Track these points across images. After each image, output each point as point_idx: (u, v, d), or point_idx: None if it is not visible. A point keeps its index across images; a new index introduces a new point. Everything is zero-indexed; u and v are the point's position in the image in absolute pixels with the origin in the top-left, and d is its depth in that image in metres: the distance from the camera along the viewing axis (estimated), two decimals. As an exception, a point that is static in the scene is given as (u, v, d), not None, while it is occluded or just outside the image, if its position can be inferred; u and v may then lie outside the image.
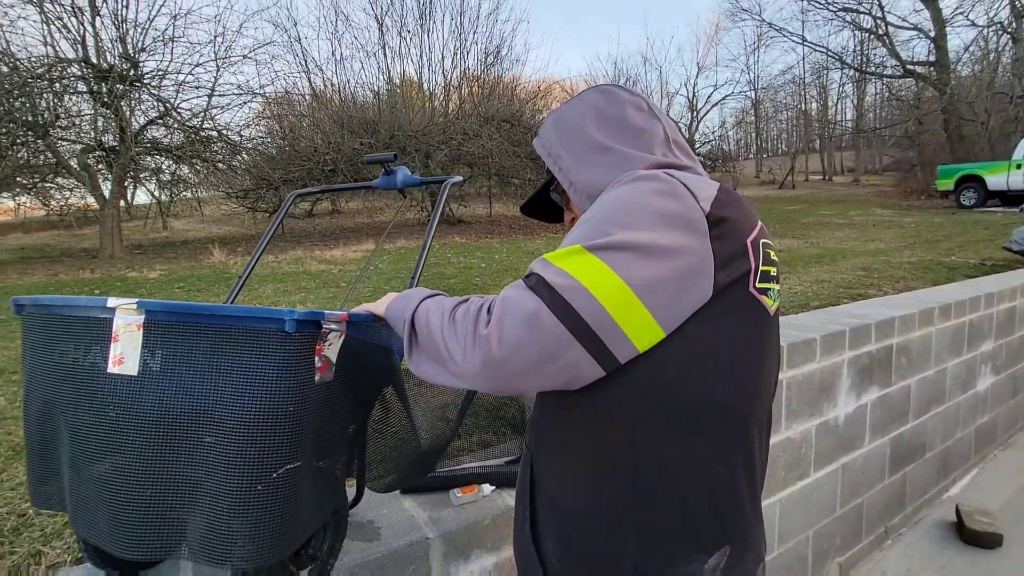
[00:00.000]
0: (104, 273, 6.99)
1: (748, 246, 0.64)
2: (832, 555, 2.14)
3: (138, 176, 10.32)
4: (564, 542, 0.69)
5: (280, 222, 1.53)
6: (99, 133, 9.14)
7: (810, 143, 29.88)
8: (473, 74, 14.96)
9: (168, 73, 9.16)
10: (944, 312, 2.58)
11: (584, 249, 0.59)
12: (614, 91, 0.81)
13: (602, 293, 0.57)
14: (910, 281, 4.12)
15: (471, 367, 0.59)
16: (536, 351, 0.57)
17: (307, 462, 0.76)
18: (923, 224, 9.49)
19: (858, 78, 25.14)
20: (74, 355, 0.75)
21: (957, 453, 2.84)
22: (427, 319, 0.66)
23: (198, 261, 7.76)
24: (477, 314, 0.60)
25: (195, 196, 12.17)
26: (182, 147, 9.47)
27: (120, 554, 0.71)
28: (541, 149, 0.83)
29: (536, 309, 0.57)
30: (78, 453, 0.74)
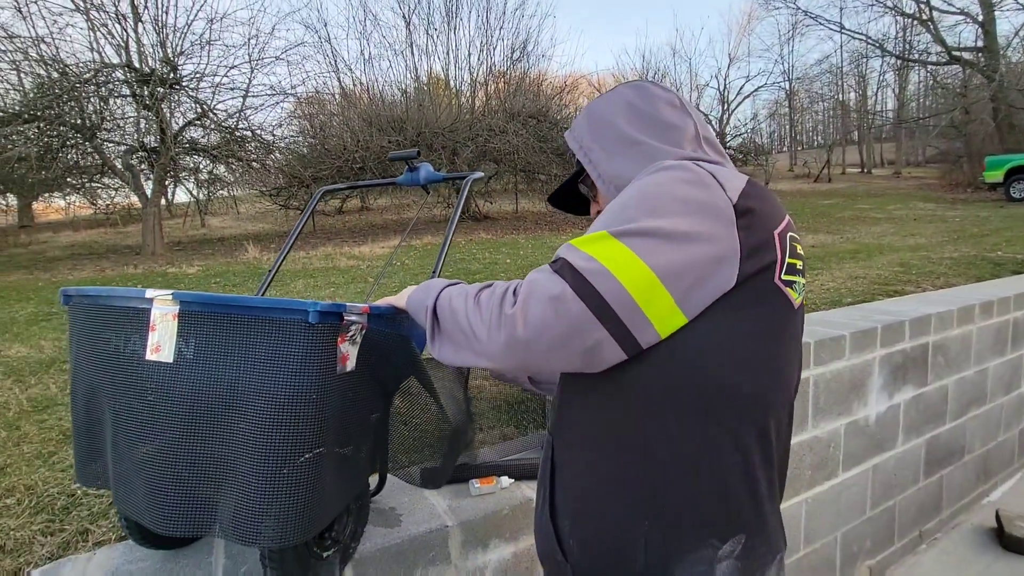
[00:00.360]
0: (146, 269, 7.30)
1: (775, 237, 0.64)
2: (862, 558, 2.09)
3: (177, 175, 10.72)
4: (579, 522, 0.71)
5: (308, 217, 1.57)
6: (141, 134, 9.54)
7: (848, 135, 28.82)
8: (499, 70, 14.98)
9: (205, 75, 9.49)
10: (986, 309, 2.48)
11: (609, 235, 0.60)
12: (647, 87, 0.82)
13: (626, 277, 0.58)
14: (951, 277, 3.96)
15: (496, 345, 0.61)
16: (560, 331, 0.58)
17: (330, 448, 0.80)
18: (968, 218, 9.07)
19: (900, 66, 24.08)
20: (116, 343, 0.80)
21: (999, 457, 2.72)
22: (450, 304, 0.68)
23: (234, 257, 8.02)
24: (503, 295, 0.62)
25: (231, 195, 12.58)
26: (218, 147, 9.80)
27: (157, 529, 0.75)
28: (572, 142, 0.84)
29: (561, 291, 0.58)
30: (120, 434, 0.79)
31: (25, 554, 1.21)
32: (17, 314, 4.13)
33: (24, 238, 12.52)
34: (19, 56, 8.05)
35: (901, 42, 22.53)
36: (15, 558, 1.24)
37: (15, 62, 8.11)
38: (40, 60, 8.14)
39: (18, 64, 8.17)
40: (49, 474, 1.62)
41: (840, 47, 26.97)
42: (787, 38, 28.02)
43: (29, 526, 1.32)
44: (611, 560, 0.67)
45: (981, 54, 17.76)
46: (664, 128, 0.77)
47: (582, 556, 0.70)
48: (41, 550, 1.23)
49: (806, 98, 31.22)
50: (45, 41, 8.15)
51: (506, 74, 14.88)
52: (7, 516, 1.40)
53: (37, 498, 1.48)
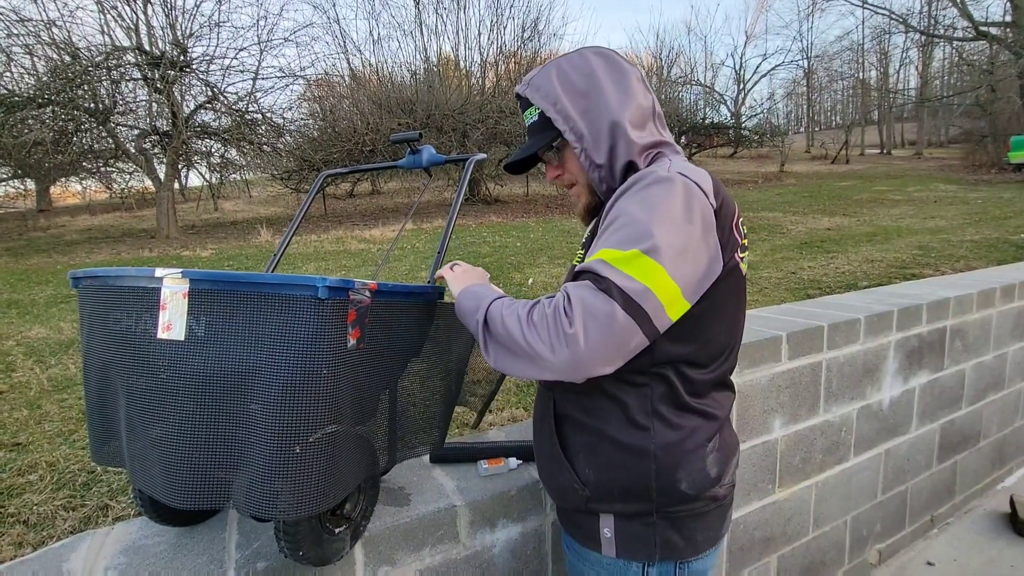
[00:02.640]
0: (161, 252, 7.40)
1: (735, 227, 0.81)
2: (872, 541, 2.08)
3: (189, 159, 10.79)
4: (593, 454, 0.86)
5: (311, 201, 1.57)
6: (153, 118, 9.59)
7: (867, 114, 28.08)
8: (510, 50, 14.76)
9: (215, 58, 9.48)
10: (1007, 293, 2.42)
11: (642, 253, 0.72)
12: (616, 59, 0.88)
13: (662, 293, 0.72)
14: (971, 260, 3.87)
15: (561, 361, 0.71)
16: (613, 343, 0.71)
17: (342, 424, 0.80)
18: (991, 200, 8.83)
19: (924, 42, 23.31)
20: (127, 322, 0.80)
21: (1015, 443, 2.68)
22: (503, 322, 0.77)
23: (246, 241, 8.09)
24: (555, 316, 0.71)
25: (243, 178, 12.63)
26: (229, 130, 9.82)
27: (173, 503, 0.77)
28: (543, 100, 0.87)
29: (613, 311, 0.70)
30: (134, 413, 0.80)
31: (48, 527, 1.25)
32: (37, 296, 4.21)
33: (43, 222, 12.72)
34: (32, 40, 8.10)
35: (926, 17, 21.81)
36: (38, 532, 1.28)
37: (28, 46, 8.15)
38: (52, 43, 8.18)
39: (31, 48, 8.21)
40: (70, 451, 1.66)
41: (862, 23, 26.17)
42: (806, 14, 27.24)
43: (51, 501, 1.36)
44: (626, 476, 0.84)
45: (1010, 29, 17.10)
46: (638, 109, 0.86)
47: (599, 479, 0.86)
48: (64, 524, 1.27)
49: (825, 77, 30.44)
50: (57, 24, 8.17)
51: (517, 54, 14.66)
52: (30, 492, 1.45)
53: (59, 474, 1.52)
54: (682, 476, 0.84)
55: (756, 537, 1.71)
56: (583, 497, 0.88)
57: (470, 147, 10.87)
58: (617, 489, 0.85)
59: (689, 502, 0.85)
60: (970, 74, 21.07)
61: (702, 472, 0.85)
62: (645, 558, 0.86)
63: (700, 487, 0.85)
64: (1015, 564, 2.06)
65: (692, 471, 0.84)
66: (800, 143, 26.57)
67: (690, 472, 0.84)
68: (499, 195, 12.54)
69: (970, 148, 18.76)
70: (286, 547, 0.84)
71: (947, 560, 2.13)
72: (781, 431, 1.68)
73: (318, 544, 0.87)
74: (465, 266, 1.00)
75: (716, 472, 0.87)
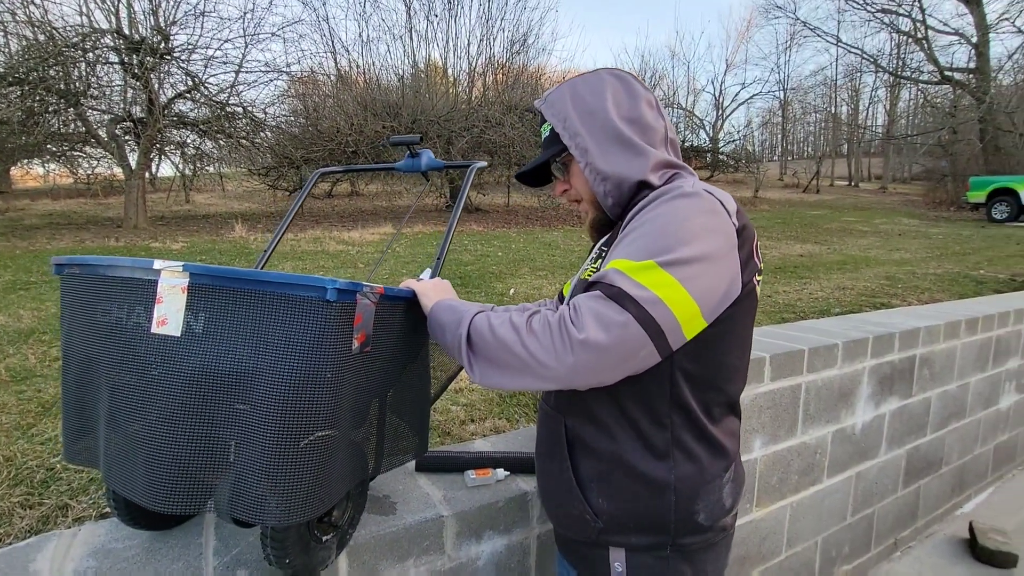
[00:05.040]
0: (128, 242, 7.13)
1: (755, 250, 0.81)
2: (839, 562, 2.13)
3: (163, 149, 10.46)
4: (607, 483, 0.83)
5: (304, 199, 1.54)
6: (128, 104, 9.28)
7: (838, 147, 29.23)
8: (499, 61, 14.87)
9: (198, 47, 9.25)
10: (971, 326, 2.53)
11: (657, 265, 0.70)
12: (630, 80, 0.89)
13: (675, 306, 0.70)
14: (935, 293, 4.04)
15: (565, 368, 0.69)
16: (622, 352, 0.69)
17: (340, 429, 0.78)
18: (951, 236, 9.26)
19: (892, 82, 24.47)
20: (117, 315, 0.77)
21: (974, 470, 2.79)
22: (493, 333, 0.74)
23: (219, 235, 7.87)
24: (561, 323, 0.70)
25: (218, 171, 12.31)
26: (208, 121, 9.58)
27: (154, 506, 0.73)
28: (553, 117, 0.89)
29: (626, 320, 0.68)
30: (118, 409, 0.76)
31: (4, 525, 1.18)
32: (-7, 281, 4.00)
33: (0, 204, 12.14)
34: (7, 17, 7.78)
35: (895, 59, 22.91)
36: (-8, 531, 1.20)
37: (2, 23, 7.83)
38: (28, 21, 7.87)
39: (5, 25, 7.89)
40: (28, 447, 1.57)
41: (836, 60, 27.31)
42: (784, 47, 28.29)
43: (8, 498, 1.28)
44: (644, 507, 0.81)
45: (973, 75, 18.11)
46: (645, 129, 0.87)
47: (614, 510, 0.83)
48: (21, 523, 1.20)
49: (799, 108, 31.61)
50: (34, 2, 7.88)
51: (505, 66, 14.78)
52: (-17, 488, 1.36)
53: (16, 470, 1.44)
54: (700, 508, 0.82)
55: (733, 555, 1.73)
56: (595, 529, 0.84)
57: (455, 155, 10.86)
58: (633, 521, 0.82)
59: (703, 533, 0.83)
60: (933, 116, 22.17)
61: (719, 503, 0.84)
62: None
63: (715, 518, 0.84)
64: (974, 588, 2.13)
65: (710, 503, 0.83)
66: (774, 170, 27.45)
67: (708, 503, 0.82)
68: (480, 204, 12.54)
69: (931, 186, 19.68)
70: (272, 554, 0.81)
71: (910, 583, 2.19)
72: (761, 451, 1.71)
73: (305, 552, 0.84)
74: (433, 280, 0.96)
75: (730, 503, 0.86)
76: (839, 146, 29.30)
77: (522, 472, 1.28)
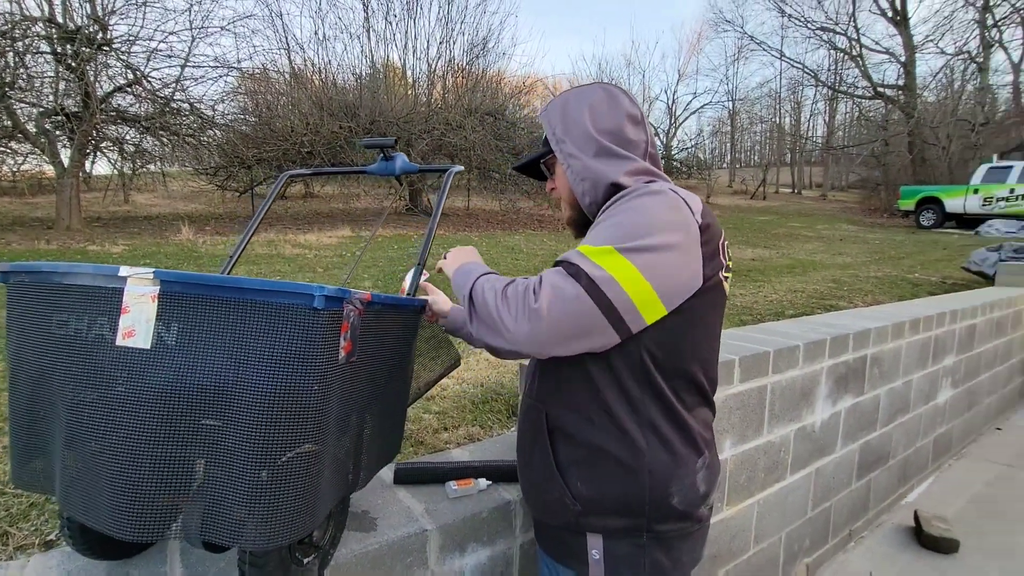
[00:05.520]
0: (61, 245, 6.65)
1: (720, 247, 0.86)
2: (801, 556, 2.21)
3: (98, 145, 9.80)
4: (586, 468, 0.88)
5: (272, 202, 1.48)
6: (60, 97, 8.66)
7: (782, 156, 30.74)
8: (458, 65, 14.81)
9: (139, 39, 8.75)
10: (914, 326, 2.69)
11: (615, 250, 0.76)
12: (617, 96, 0.96)
13: (627, 284, 0.76)
14: (878, 295, 4.29)
15: (521, 333, 0.75)
16: (573, 325, 0.75)
17: (326, 443, 0.74)
18: (886, 241, 9.89)
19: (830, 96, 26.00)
20: (76, 326, 0.70)
21: (916, 462, 2.97)
22: (483, 295, 0.81)
23: (164, 238, 7.46)
24: (525, 292, 0.76)
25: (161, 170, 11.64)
26: (151, 117, 9.07)
27: (122, 535, 0.67)
28: (547, 127, 0.98)
29: (577, 293, 0.74)
30: (78, 429, 0.69)
31: (-70, 564, 1.06)
32: (-95, 287, 3.64)
33: (-90, 202, 11.08)
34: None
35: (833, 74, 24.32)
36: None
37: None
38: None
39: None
40: (-44, 471, 1.42)
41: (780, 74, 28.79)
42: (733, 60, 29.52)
43: (-67, 531, 1.16)
44: (621, 490, 0.85)
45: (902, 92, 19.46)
46: (625, 142, 0.94)
47: (592, 493, 0.86)
48: (-50, 558, 1.08)
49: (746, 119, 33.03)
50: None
51: (465, 69, 14.74)
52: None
53: (-59, 498, 1.30)
54: (675, 491, 0.86)
55: (705, 554, 1.76)
56: (574, 512, 0.88)
57: (414, 157, 10.71)
58: (610, 503, 0.86)
59: (679, 520, 0.87)
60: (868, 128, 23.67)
61: (693, 488, 0.88)
62: None
63: (690, 504, 0.87)
64: (922, 575, 2.25)
65: (684, 487, 0.86)
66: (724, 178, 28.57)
67: (682, 487, 0.86)
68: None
69: (867, 194, 21.00)
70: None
71: (864, 572, 2.30)
72: (731, 451, 1.75)
73: (286, 575, 0.79)
74: (456, 249, 1.04)
75: (705, 489, 0.90)
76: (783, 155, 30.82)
77: (504, 481, 1.26)
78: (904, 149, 19.11)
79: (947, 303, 3.24)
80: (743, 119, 32.55)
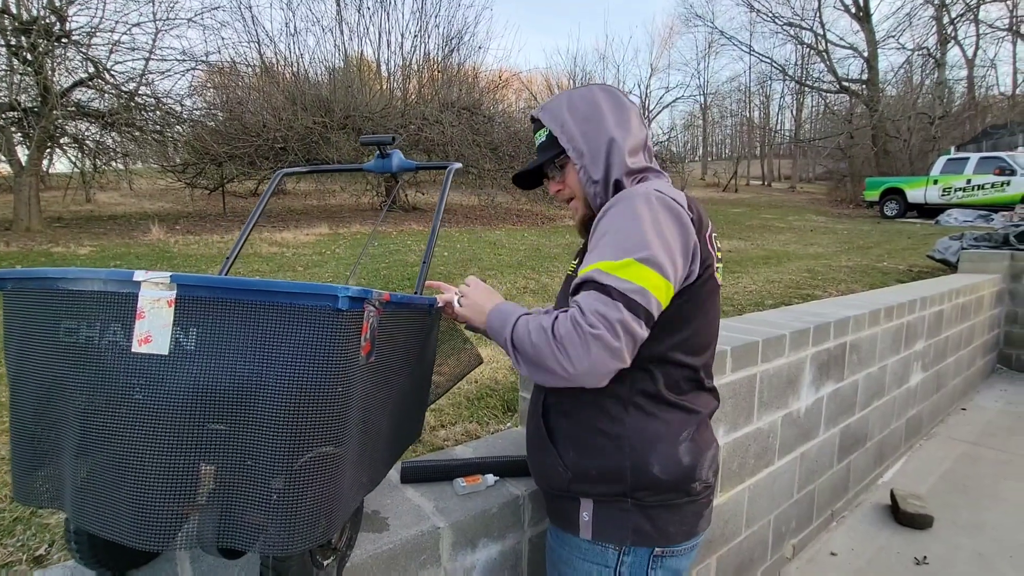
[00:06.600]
0: (22, 247, 6.37)
1: (708, 239, 0.92)
2: (788, 537, 2.29)
3: (58, 142, 9.39)
4: (575, 440, 0.95)
5: (267, 200, 1.45)
6: (15, 92, 8.26)
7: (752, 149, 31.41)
8: (433, 59, 14.65)
9: (100, 30, 8.40)
10: (888, 313, 2.80)
11: (635, 261, 0.82)
12: (618, 94, 1.01)
13: (656, 290, 0.82)
14: (850, 284, 4.44)
15: (582, 368, 0.79)
16: (625, 342, 0.80)
17: (347, 445, 0.73)
18: (854, 231, 10.21)
19: (798, 90, 26.64)
20: (87, 333, 0.68)
21: (890, 443, 3.09)
22: (531, 340, 0.84)
23: (132, 238, 7.20)
24: (575, 328, 0.79)
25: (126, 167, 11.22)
26: (115, 112, 8.72)
27: (144, 546, 0.65)
28: (551, 122, 1.00)
29: (621, 315, 0.79)
30: (91, 439, 0.67)
31: (-80, 584, 1.01)
32: None
33: None
34: None
35: (800, 68, 24.91)
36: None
37: None
38: None
39: None
40: (-66, 486, 1.37)
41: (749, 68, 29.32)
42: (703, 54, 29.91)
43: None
44: (603, 458, 0.93)
45: (865, 86, 20.05)
46: (633, 136, 0.98)
47: (579, 461, 0.94)
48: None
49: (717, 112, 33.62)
50: None
51: (440, 63, 14.59)
52: None
53: (-78, 516, 1.24)
54: (654, 460, 0.91)
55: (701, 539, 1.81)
56: (565, 479, 0.96)
57: (390, 152, 10.56)
58: (595, 470, 0.93)
59: (662, 491, 0.92)
60: (833, 121, 24.36)
61: (673, 458, 0.92)
62: (619, 542, 0.93)
63: (673, 474, 0.92)
64: (900, 551, 2.36)
65: (663, 456, 0.92)
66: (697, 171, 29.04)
67: (661, 457, 0.92)
68: (416, 203, 12.33)
69: (834, 185, 21.61)
70: (275, 586, 0.75)
71: (846, 550, 2.39)
72: (724, 438, 1.79)
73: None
74: (479, 285, 1.05)
75: (689, 461, 0.93)
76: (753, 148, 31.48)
77: (511, 475, 1.27)
78: (868, 141, 19.74)
79: (916, 290, 3.37)
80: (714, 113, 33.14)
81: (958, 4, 18.50)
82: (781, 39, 25.26)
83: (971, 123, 19.17)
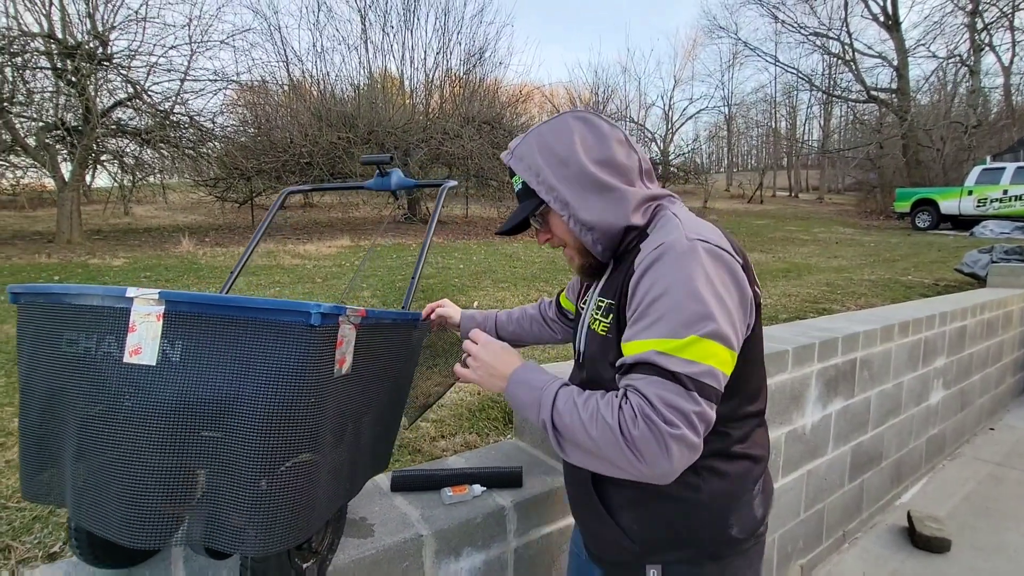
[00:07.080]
0: (62, 259, 6.70)
1: (754, 279, 0.83)
2: (795, 557, 2.24)
3: (99, 159, 9.89)
4: (641, 507, 0.86)
5: (272, 218, 1.52)
6: (60, 112, 8.74)
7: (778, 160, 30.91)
8: (455, 74, 14.94)
9: (139, 54, 8.86)
10: (903, 329, 2.73)
11: (700, 337, 0.72)
12: (595, 121, 0.88)
13: (723, 365, 0.74)
14: (870, 298, 4.34)
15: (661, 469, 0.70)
16: (705, 429, 0.72)
17: (321, 453, 0.78)
18: (881, 243, 9.95)
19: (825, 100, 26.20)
20: (85, 344, 0.74)
21: (909, 463, 3.00)
22: (586, 433, 0.74)
23: (164, 250, 7.51)
24: (650, 425, 0.70)
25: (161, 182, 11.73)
26: (151, 130, 9.15)
27: (133, 543, 0.71)
28: (525, 172, 0.88)
29: (696, 405, 0.71)
30: (88, 443, 0.73)
31: (-58, 575, 1.09)
32: (-92, 304, 3.67)
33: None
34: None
35: (827, 79, 24.50)
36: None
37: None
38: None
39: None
40: (-37, 485, 1.46)
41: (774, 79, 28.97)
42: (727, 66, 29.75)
43: (-58, 543, 1.19)
44: (678, 528, 0.84)
45: (895, 95, 19.59)
46: (619, 168, 0.87)
47: (649, 533, 0.85)
48: (-41, 570, 1.11)
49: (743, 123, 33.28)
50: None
51: (462, 78, 14.86)
52: (-87, 532, 1.25)
53: (-51, 511, 1.34)
54: (733, 522, 0.85)
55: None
56: (633, 553, 0.87)
57: (412, 166, 10.80)
58: (666, 540, 0.85)
59: (736, 545, 0.86)
60: (862, 131, 23.83)
61: (749, 516, 0.86)
62: None
63: (749, 530, 0.86)
64: (914, 575, 2.28)
65: (740, 516, 0.85)
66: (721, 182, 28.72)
67: (741, 517, 0.85)
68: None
69: (863, 196, 21.09)
70: (253, 585, 0.79)
71: (857, 573, 2.33)
72: (722, 455, 1.79)
73: (286, 581, 0.83)
74: (489, 343, 0.91)
75: (762, 513, 0.89)
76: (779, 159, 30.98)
77: (498, 487, 1.29)
78: (899, 152, 19.24)
79: (937, 305, 3.28)
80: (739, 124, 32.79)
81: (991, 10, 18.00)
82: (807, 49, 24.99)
83: (1008, 131, 18.53)
